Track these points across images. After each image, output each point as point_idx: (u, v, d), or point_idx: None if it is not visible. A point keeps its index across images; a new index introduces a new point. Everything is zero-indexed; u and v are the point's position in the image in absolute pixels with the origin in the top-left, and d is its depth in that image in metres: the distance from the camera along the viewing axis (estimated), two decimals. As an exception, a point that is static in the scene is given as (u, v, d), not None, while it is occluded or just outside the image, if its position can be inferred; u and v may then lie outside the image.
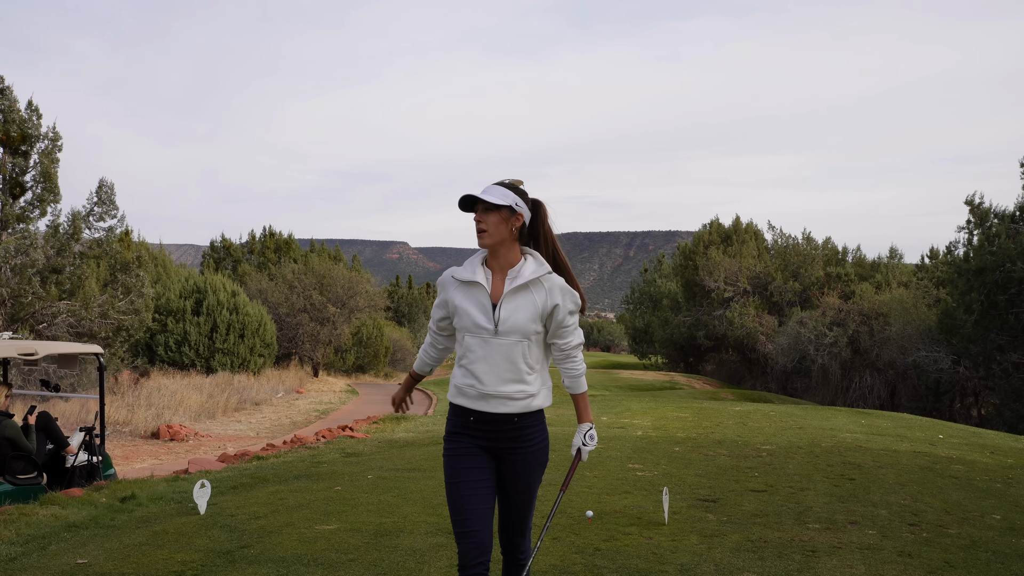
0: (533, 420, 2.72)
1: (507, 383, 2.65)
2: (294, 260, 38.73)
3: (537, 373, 2.70)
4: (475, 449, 2.70)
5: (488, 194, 2.66)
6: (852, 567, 4.19)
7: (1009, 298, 22.48)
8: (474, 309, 2.68)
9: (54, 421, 7.55)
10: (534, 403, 2.69)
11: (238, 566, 4.13)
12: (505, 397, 2.65)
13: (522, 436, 2.70)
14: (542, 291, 2.66)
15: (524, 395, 2.67)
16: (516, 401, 2.66)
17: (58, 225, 15.61)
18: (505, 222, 2.65)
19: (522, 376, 2.66)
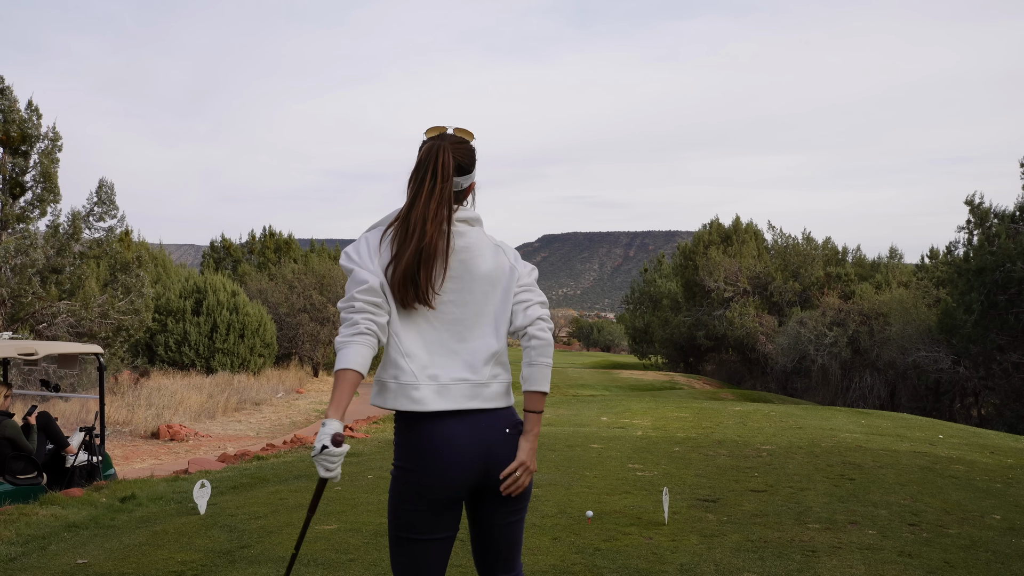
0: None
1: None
2: (294, 260, 38.73)
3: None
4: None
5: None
6: (852, 567, 4.19)
7: (1009, 298, 22.48)
8: None
9: (54, 421, 7.55)
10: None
11: (238, 566, 4.13)
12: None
13: None
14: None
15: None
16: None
17: (58, 225, 15.61)
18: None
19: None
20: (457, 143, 2.12)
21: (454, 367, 2.04)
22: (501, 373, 2.11)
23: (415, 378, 2.00)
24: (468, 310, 2.09)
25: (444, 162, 2.07)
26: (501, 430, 2.05)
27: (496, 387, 2.08)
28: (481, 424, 2.02)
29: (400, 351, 2.02)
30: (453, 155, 2.09)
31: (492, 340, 2.10)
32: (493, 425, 2.04)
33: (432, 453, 1.97)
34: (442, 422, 1.99)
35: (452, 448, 1.98)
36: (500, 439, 2.03)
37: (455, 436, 1.99)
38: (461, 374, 2.03)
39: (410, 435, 2.01)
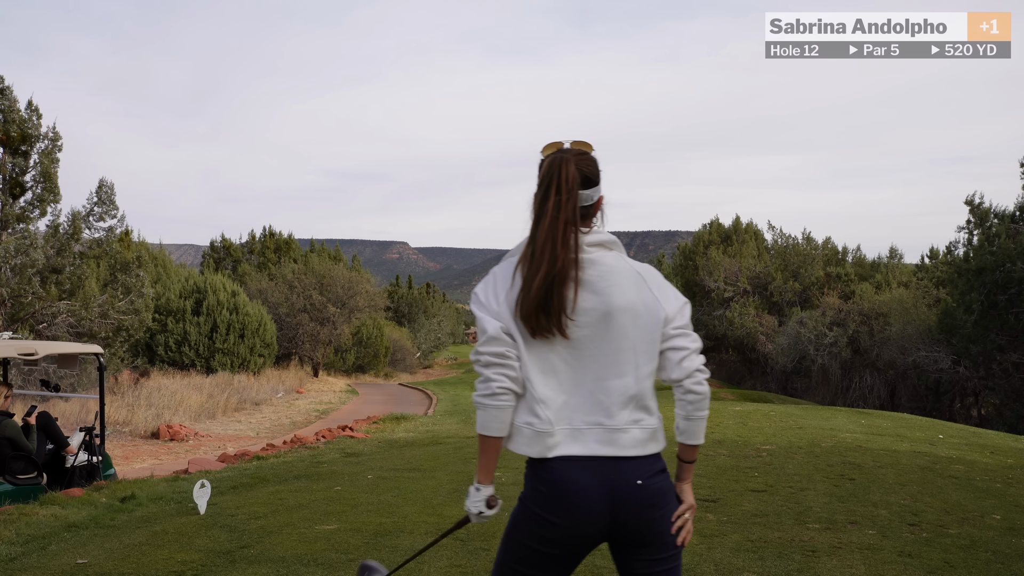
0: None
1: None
2: (294, 260, 38.75)
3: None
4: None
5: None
6: (852, 567, 4.19)
7: (1009, 298, 22.48)
8: None
9: (54, 421, 7.55)
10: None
11: (238, 566, 4.13)
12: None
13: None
14: None
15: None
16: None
17: (58, 225, 15.61)
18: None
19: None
20: (578, 155, 1.96)
21: (588, 409, 1.88)
22: (644, 418, 1.91)
23: (550, 426, 1.87)
24: (604, 347, 1.89)
25: (567, 175, 1.91)
26: (632, 481, 1.86)
27: (636, 433, 1.89)
28: (609, 474, 1.85)
29: (534, 397, 1.88)
30: (576, 166, 1.93)
31: (631, 381, 1.90)
32: (625, 475, 1.86)
33: (558, 501, 1.85)
34: (571, 467, 1.86)
35: (576, 498, 1.84)
36: (629, 490, 1.85)
37: (581, 485, 1.85)
38: (595, 417, 1.88)
39: (538, 479, 1.90)
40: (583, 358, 1.89)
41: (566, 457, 1.86)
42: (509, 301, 1.90)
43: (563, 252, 1.87)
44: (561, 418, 1.88)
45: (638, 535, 1.88)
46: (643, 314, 1.92)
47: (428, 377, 39.74)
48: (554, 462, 1.87)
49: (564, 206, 1.89)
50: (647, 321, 1.92)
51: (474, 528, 4.85)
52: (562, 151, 1.97)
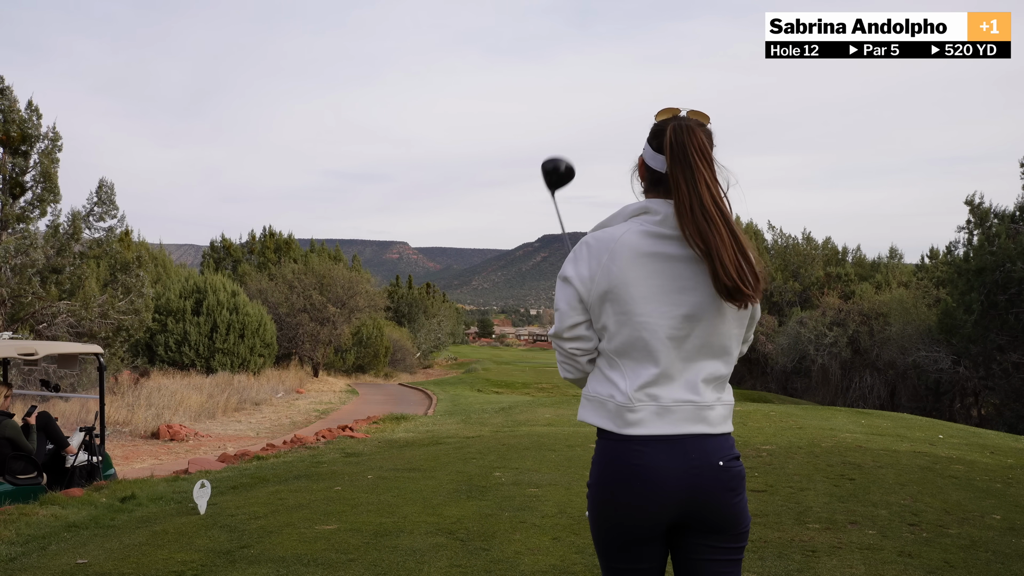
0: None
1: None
2: (294, 260, 38.75)
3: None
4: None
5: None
6: (852, 567, 4.19)
7: (1009, 298, 22.48)
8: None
9: (54, 421, 7.56)
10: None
11: (238, 566, 4.13)
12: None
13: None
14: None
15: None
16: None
17: (58, 225, 15.61)
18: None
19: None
20: (699, 125, 1.83)
21: (678, 388, 1.80)
22: (724, 395, 1.87)
23: (630, 400, 1.78)
24: (704, 325, 1.80)
25: (700, 142, 1.79)
26: (715, 462, 1.80)
27: (721, 410, 1.85)
28: (691, 452, 1.78)
29: (619, 368, 1.82)
30: (703, 134, 1.81)
31: (722, 363, 1.85)
32: (706, 454, 1.80)
33: (633, 480, 1.76)
34: (651, 446, 1.77)
35: (656, 476, 1.76)
36: (711, 471, 1.80)
37: (661, 463, 1.76)
38: (684, 395, 1.80)
39: (612, 457, 1.80)
40: (678, 338, 1.79)
41: (662, 437, 1.78)
42: (648, 270, 1.79)
43: (732, 225, 1.77)
44: (646, 394, 1.79)
45: (717, 525, 1.81)
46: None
47: (428, 377, 39.75)
48: (633, 441, 1.78)
49: (714, 178, 1.79)
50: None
51: (474, 528, 4.85)
52: (684, 118, 1.85)
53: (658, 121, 1.89)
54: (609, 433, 1.81)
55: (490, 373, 37.55)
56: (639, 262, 1.78)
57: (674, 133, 1.80)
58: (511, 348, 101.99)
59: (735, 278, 1.72)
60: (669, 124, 1.84)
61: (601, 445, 1.84)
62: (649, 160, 1.88)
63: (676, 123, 1.83)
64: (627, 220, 1.85)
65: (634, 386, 1.79)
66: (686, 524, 1.82)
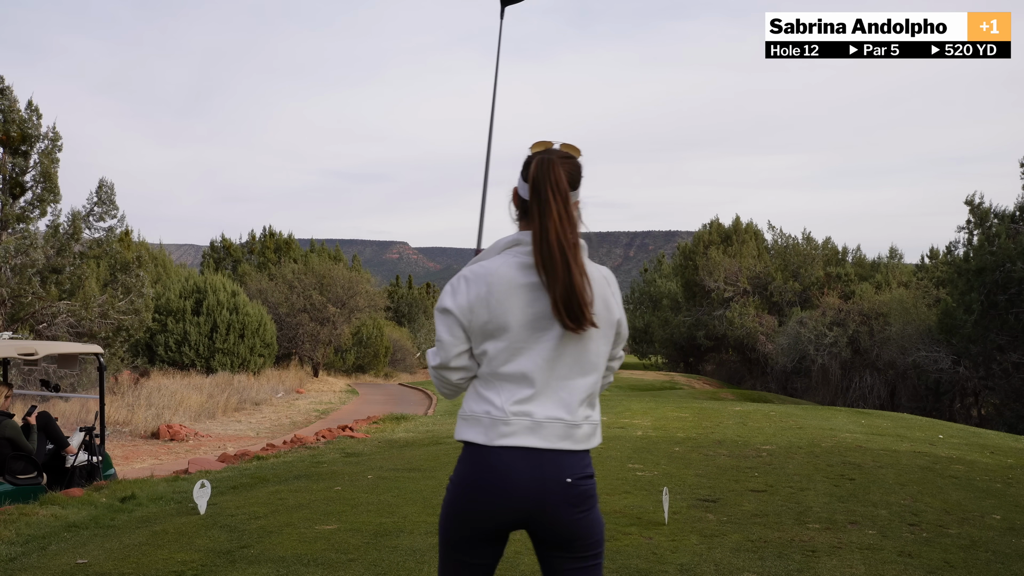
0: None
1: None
2: (294, 260, 38.74)
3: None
4: None
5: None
6: (852, 567, 4.19)
7: (1009, 298, 22.48)
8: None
9: (54, 421, 7.55)
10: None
11: (238, 566, 4.13)
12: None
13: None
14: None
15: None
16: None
17: (58, 225, 15.61)
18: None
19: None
20: (564, 158, 1.97)
21: (551, 406, 1.91)
22: (592, 414, 1.98)
23: (506, 415, 1.89)
24: (578, 348, 1.92)
25: (557, 178, 1.91)
26: (564, 478, 1.89)
27: (587, 428, 1.95)
28: (546, 466, 1.89)
29: (496, 388, 1.92)
30: (563, 169, 1.94)
31: (591, 380, 1.96)
32: (560, 469, 1.89)
33: (489, 485, 1.88)
34: (513, 456, 1.88)
35: (509, 485, 1.87)
36: (559, 486, 1.88)
37: (517, 474, 1.87)
38: (557, 413, 1.90)
39: (476, 462, 1.91)
40: (550, 358, 1.91)
41: (519, 449, 1.88)
42: (511, 300, 1.90)
43: (579, 260, 1.90)
44: (521, 411, 1.89)
45: (560, 536, 1.91)
46: (606, 317, 1.95)
47: (428, 377, 39.75)
48: (507, 452, 1.88)
49: (565, 211, 1.90)
50: (607, 323, 1.96)
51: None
52: (550, 151, 1.97)
53: (531, 153, 1.99)
54: (478, 445, 1.91)
55: (490, 373, 37.46)
56: (514, 293, 1.90)
57: (537, 167, 1.93)
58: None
59: (561, 309, 1.86)
60: (536, 157, 1.96)
61: (468, 451, 1.93)
62: (520, 190, 2.00)
63: (541, 157, 1.95)
64: (501, 253, 1.97)
65: (510, 402, 1.89)
66: (537, 535, 1.93)
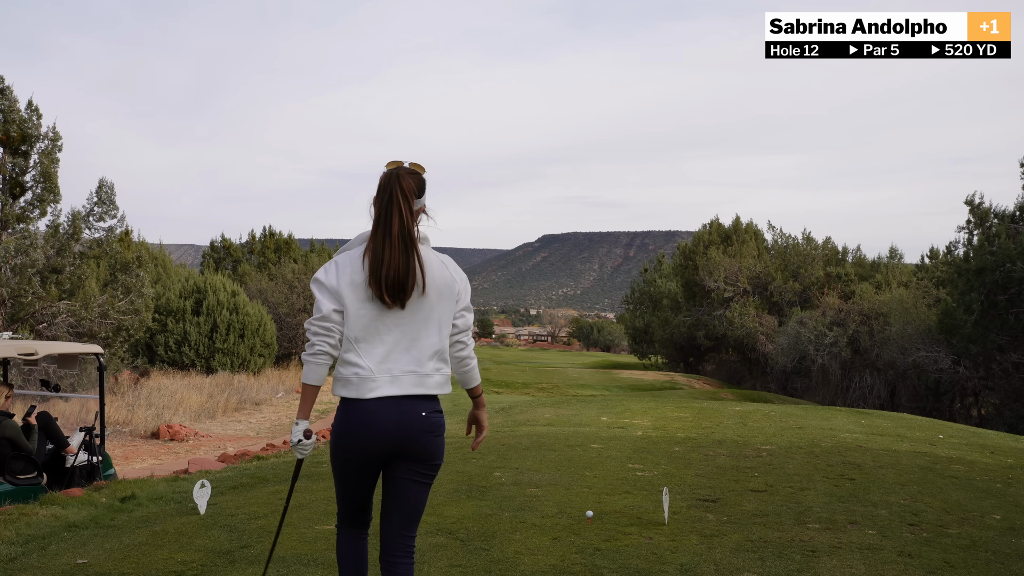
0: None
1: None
2: (294, 260, 38.73)
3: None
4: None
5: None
6: (852, 567, 4.19)
7: (1009, 298, 22.48)
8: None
9: (54, 421, 7.55)
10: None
11: (238, 566, 4.13)
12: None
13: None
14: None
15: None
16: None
17: (58, 225, 15.61)
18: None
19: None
20: (409, 173, 2.61)
21: (405, 362, 2.57)
22: (443, 367, 2.64)
23: (373, 372, 2.54)
24: (421, 317, 2.59)
25: (405, 186, 2.57)
26: (419, 412, 2.58)
27: (438, 377, 2.62)
28: (404, 407, 2.56)
29: (358, 353, 2.54)
30: (410, 180, 2.59)
31: (436, 340, 2.61)
32: (416, 407, 2.57)
33: (363, 428, 2.53)
34: (381, 404, 2.54)
35: (381, 425, 2.53)
36: (417, 419, 2.57)
37: (386, 416, 2.54)
38: (410, 367, 2.57)
39: (352, 413, 2.55)
40: (407, 321, 2.57)
41: (382, 398, 2.54)
42: (355, 282, 2.53)
43: (414, 248, 2.55)
44: (383, 369, 2.55)
45: (414, 459, 2.60)
46: (445, 291, 2.62)
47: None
48: (374, 402, 2.53)
49: (408, 211, 2.56)
50: (448, 296, 2.63)
51: (474, 528, 4.85)
52: (398, 168, 2.61)
53: (385, 169, 2.63)
54: (353, 399, 2.55)
55: (490, 373, 37.50)
56: (366, 275, 2.55)
57: (387, 177, 2.59)
58: (511, 348, 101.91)
59: (392, 286, 2.53)
60: (388, 171, 2.61)
61: (344, 405, 2.58)
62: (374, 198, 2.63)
63: (391, 171, 2.61)
64: (359, 245, 2.61)
65: (374, 363, 2.54)
66: (397, 455, 2.60)
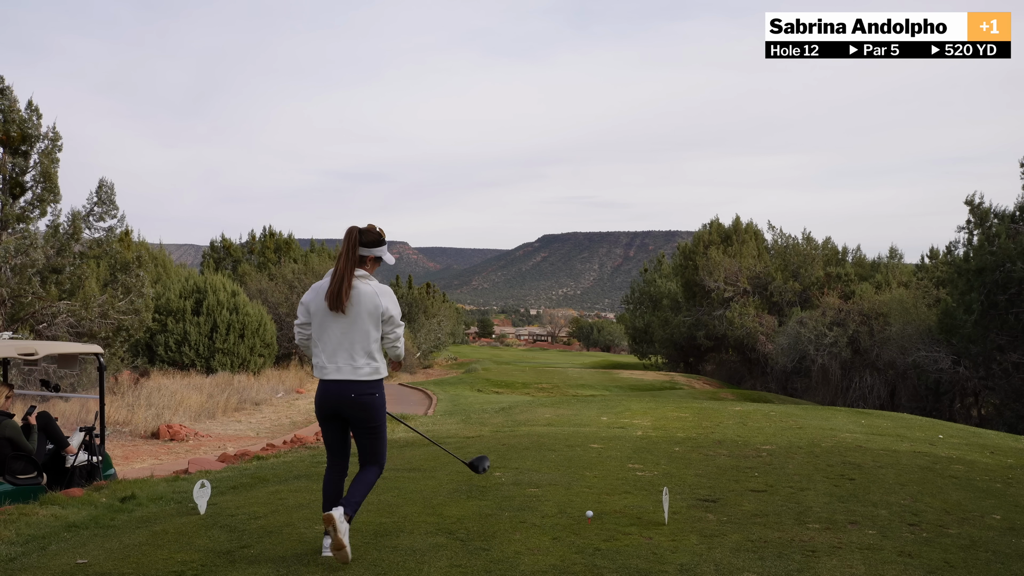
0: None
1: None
2: (294, 260, 38.75)
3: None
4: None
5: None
6: (852, 567, 4.19)
7: (1009, 298, 22.48)
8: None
9: (54, 421, 7.55)
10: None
11: (238, 566, 4.13)
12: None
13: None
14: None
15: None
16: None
17: (58, 225, 15.61)
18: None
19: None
20: (364, 230, 4.22)
21: (345, 357, 4.15)
22: (371, 363, 4.17)
23: (326, 363, 4.18)
24: (356, 328, 4.14)
25: (352, 239, 4.17)
26: (349, 393, 4.15)
27: (367, 368, 4.16)
28: (342, 386, 4.16)
29: (321, 350, 4.20)
30: (359, 234, 4.18)
31: (367, 343, 4.17)
32: (348, 388, 4.15)
33: (324, 397, 4.21)
34: (330, 384, 4.18)
35: (330, 396, 4.19)
36: (348, 397, 4.16)
37: (331, 391, 4.18)
38: (359, 361, 4.16)
39: (321, 388, 4.23)
40: (346, 333, 4.14)
41: (331, 380, 4.18)
42: (318, 298, 4.19)
43: (348, 278, 4.12)
44: (331, 361, 4.17)
45: (355, 420, 4.23)
46: (372, 311, 4.15)
47: (428, 377, 39.72)
48: (327, 382, 4.20)
49: (351, 255, 4.15)
50: (375, 314, 4.16)
51: (474, 528, 4.86)
52: (355, 227, 4.19)
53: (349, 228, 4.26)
54: (320, 379, 4.22)
55: (490, 373, 37.53)
56: (324, 297, 4.18)
57: (347, 232, 4.20)
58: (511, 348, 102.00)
59: (331, 301, 4.14)
60: (348, 229, 4.22)
61: (319, 382, 4.24)
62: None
63: (352, 228, 4.21)
64: (327, 277, 4.23)
65: (325, 358, 4.19)
66: (342, 417, 4.24)
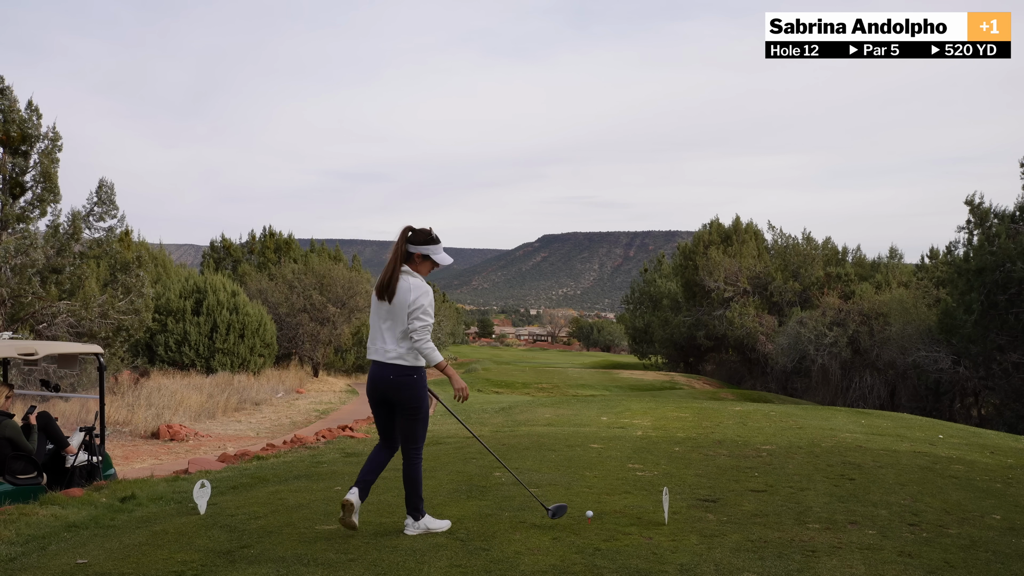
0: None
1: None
2: (294, 260, 38.74)
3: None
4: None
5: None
6: (852, 567, 4.19)
7: (1009, 298, 22.48)
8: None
9: (54, 421, 7.55)
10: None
11: (238, 566, 4.13)
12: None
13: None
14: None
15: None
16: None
17: (58, 225, 15.61)
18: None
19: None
20: (411, 229, 4.65)
21: (388, 341, 4.58)
22: (398, 349, 4.55)
23: (369, 344, 4.68)
24: (393, 316, 4.56)
25: (401, 238, 4.65)
26: (388, 375, 4.57)
27: (392, 353, 4.56)
28: (382, 368, 4.59)
29: (370, 332, 4.70)
30: (405, 234, 4.65)
31: (400, 330, 4.55)
32: (386, 370, 4.58)
33: (369, 378, 4.67)
34: (373, 364, 4.64)
35: (372, 376, 4.64)
36: (386, 379, 4.58)
37: (374, 372, 4.64)
38: (388, 346, 4.58)
39: (371, 368, 4.67)
40: (385, 317, 4.58)
41: (373, 361, 4.64)
42: (374, 289, 4.65)
43: (390, 271, 4.58)
44: (372, 342, 4.65)
45: (395, 402, 4.62)
46: (403, 302, 4.53)
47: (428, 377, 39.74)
48: (372, 363, 4.66)
49: (398, 250, 4.60)
50: (404, 305, 4.53)
51: (474, 528, 4.86)
52: (410, 226, 4.64)
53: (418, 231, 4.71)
54: (371, 360, 4.67)
55: (490, 373, 37.53)
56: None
57: (402, 232, 4.66)
58: (511, 348, 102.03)
59: (378, 291, 4.60)
60: (403, 228, 4.69)
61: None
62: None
63: (406, 227, 4.66)
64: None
65: (370, 340, 4.68)
66: (390, 403, 4.65)
